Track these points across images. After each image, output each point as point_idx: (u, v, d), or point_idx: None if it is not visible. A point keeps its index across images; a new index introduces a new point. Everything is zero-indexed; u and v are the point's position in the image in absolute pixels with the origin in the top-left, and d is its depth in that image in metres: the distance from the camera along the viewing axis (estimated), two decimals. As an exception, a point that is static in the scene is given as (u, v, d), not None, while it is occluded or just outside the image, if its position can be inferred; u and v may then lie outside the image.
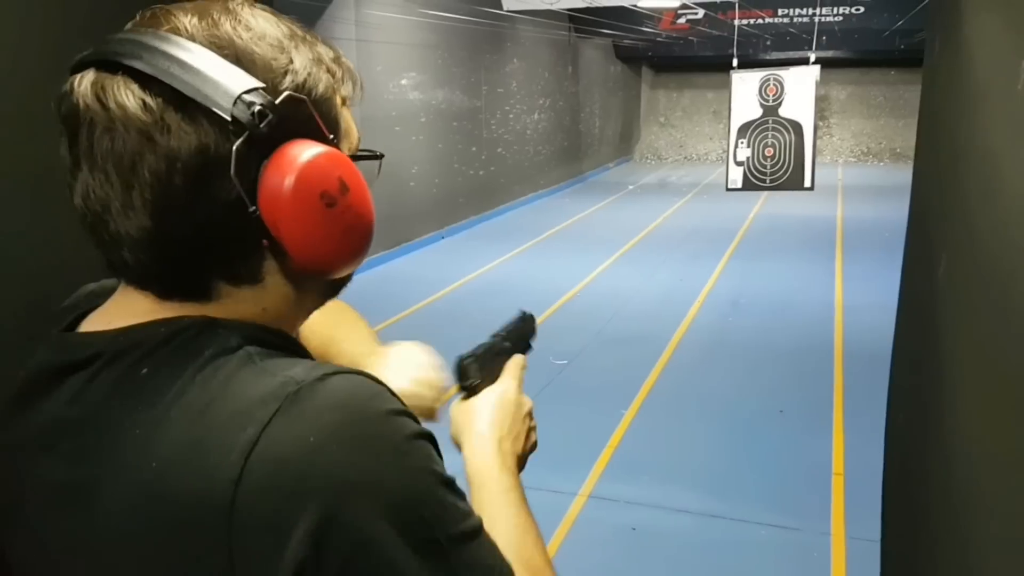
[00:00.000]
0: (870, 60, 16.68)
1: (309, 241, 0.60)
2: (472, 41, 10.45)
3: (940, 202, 0.88)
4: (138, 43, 0.58)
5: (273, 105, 0.58)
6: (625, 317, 6.31)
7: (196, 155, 0.56)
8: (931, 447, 0.86)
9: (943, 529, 0.78)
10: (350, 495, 0.52)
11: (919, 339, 1.02)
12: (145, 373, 0.57)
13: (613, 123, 17.65)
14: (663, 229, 10.28)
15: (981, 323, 0.67)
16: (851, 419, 4.30)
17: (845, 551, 3.14)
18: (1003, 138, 0.64)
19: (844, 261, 8.04)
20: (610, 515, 3.41)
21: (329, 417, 0.54)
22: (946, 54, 0.92)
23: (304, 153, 0.59)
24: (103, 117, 0.56)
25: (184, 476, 0.52)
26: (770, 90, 5.93)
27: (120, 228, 0.58)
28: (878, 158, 17.81)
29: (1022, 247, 0.54)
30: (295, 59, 0.61)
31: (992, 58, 0.70)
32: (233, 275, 0.61)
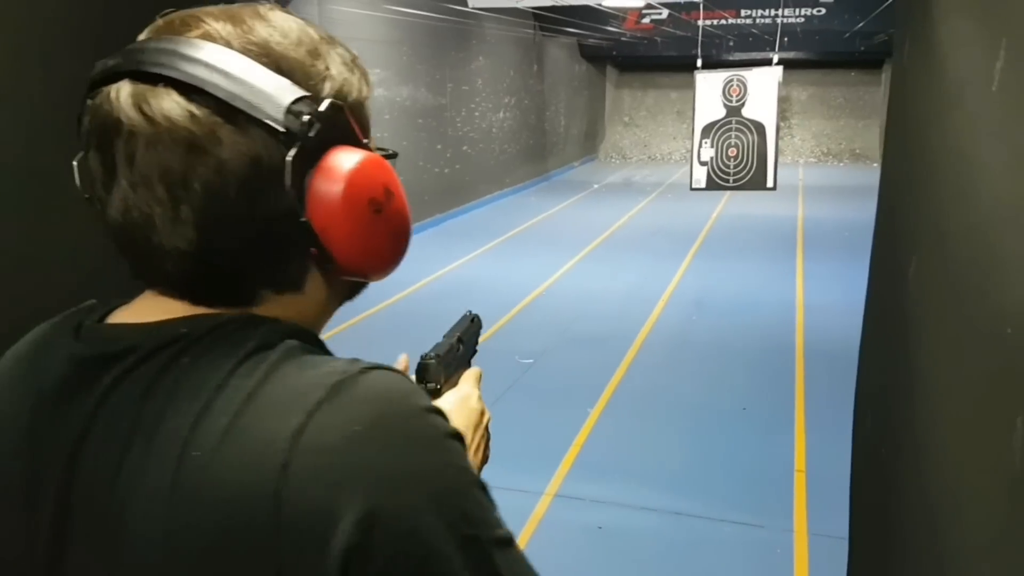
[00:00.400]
0: (831, 61, 16.97)
1: (359, 248, 0.61)
2: (437, 38, 10.40)
3: (911, 203, 0.89)
4: (174, 52, 0.57)
5: (319, 113, 0.58)
6: (591, 316, 6.33)
7: (249, 166, 0.56)
8: (902, 448, 0.87)
9: (916, 528, 0.79)
10: (397, 485, 0.52)
11: (888, 341, 1.03)
12: (186, 362, 0.56)
13: (578, 122, 17.72)
14: (628, 228, 10.34)
15: (954, 325, 0.68)
16: (812, 417, 4.37)
17: (808, 547, 3.18)
18: (977, 140, 0.64)
19: (805, 261, 8.16)
20: (576, 514, 3.42)
21: (373, 408, 0.54)
22: (917, 56, 0.93)
23: (350, 160, 0.60)
24: (147, 130, 0.55)
25: (229, 463, 0.51)
26: (733, 91, 5.99)
27: (164, 241, 0.57)
28: (838, 158, 18.12)
29: (998, 249, 0.55)
30: (331, 65, 0.62)
31: (965, 61, 0.71)
32: (277, 283, 0.61)
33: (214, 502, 0.51)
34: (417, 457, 0.54)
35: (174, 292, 0.60)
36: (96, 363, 0.58)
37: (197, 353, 0.56)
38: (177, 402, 0.54)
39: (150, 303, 0.61)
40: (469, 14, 10.51)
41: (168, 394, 0.55)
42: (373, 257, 0.63)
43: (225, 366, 0.55)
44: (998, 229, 0.56)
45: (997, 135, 0.59)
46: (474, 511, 0.55)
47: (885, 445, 0.99)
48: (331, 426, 0.52)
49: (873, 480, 1.11)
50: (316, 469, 0.51)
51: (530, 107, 14.42)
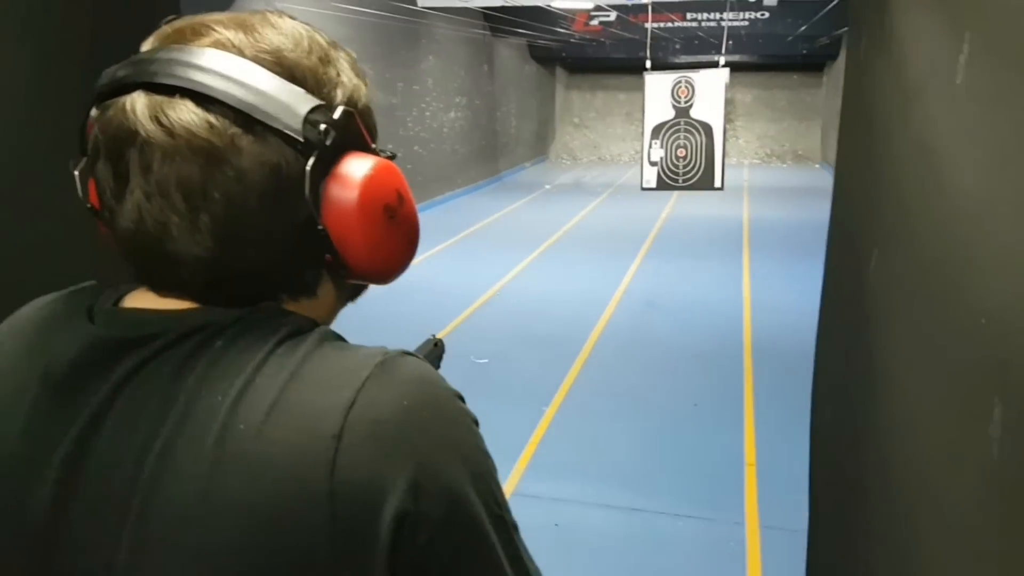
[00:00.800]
0: (774, 64, 17.35)
1: (374, 253, 0.62)
2: (387, 37, 10.32)
3: (870, 197, 0.91)
4: (187, 63, 0.57)
5: (334, 121, 0.59)
6: (545, 315, 6.36)
7: (270, 176, 0.57)
8: (864, 439, 0.89)
9: (880, 516, 0.81)
10: (445, 458, 0.55)
11: (847, 333, 1.06)
12: (220, 346, 0.56)
13: (529, 123, 17.77)
14: (580, 229, 10.40)
15: (923, 317, 0.70)
16: (761, 411, 4.46)
17: (760, 540, 3.24)
18: (942, 135, 0.66)
19: (751, 260, 8.32)
20: (533, 512, 3.42)
21: (418, 388, 0.56)
22: (874, 51, 0.95)
23: (363, 167, 0.61)
24: (165, 141, 0.55)
25: (280, 435, 0.52)
26: (682, 92, 6.08)
27: (180, 250, 0.57)
28: (781, 160, 18.52)
29: (970, 243, 0.57)
30: (341, 72, 0.63)
31: (926, 55, 0.73)
32: (293, 289, 0.62)
33: (264, 471, 0.51)
34: (459, 436, 0.57)
35: (188, 298, 0.60)
36: (117, 347, 0.57)
37: (230, 337, 0.56)
38: (213, 382, 0.54)
39: (165, 296, 0.61)
40: (419, 13, 10.45)
41: (201, 376, 0.55)
42: (386, 262, 0.64)
43: (262, 348, 0.55)
44: (969, 223, 0.57)
45: (962, 129, 0.61)
46: (499, 494, 0.59)
47: (845, 436, 1.02)
48: (381, 401, 0.54)
49: (833, 470, 1.14)
50: (369, 438, 0.52)
51: (481, 107, 14.41)
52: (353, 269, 0.62)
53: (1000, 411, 0.50)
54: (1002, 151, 0.52)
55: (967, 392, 0.57)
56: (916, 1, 0.77)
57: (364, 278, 0.64)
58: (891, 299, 0.81)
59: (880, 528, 0.81)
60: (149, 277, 0.60)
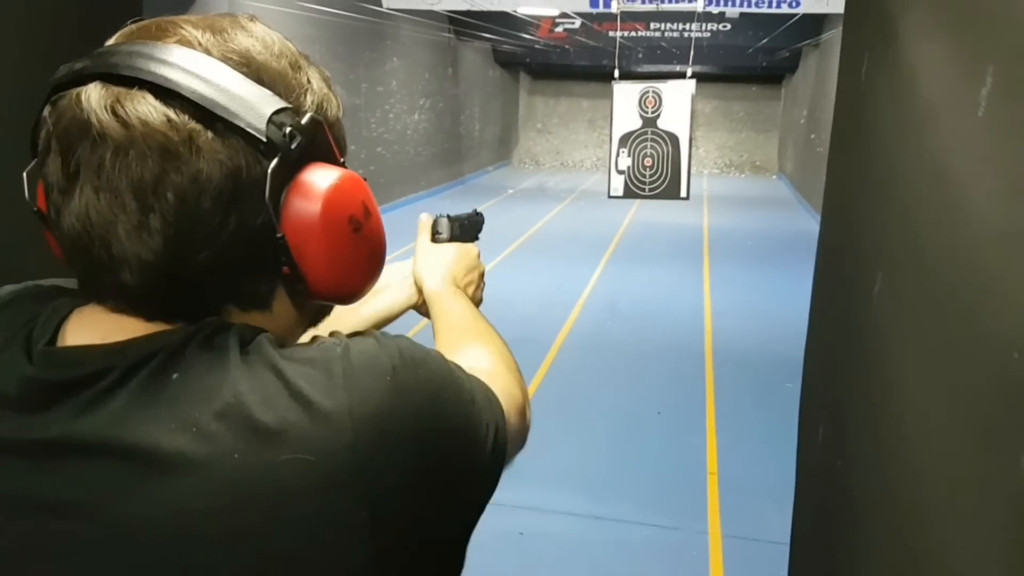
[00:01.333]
0: (734, 76, 17.63)
1: (335, 266, 0.59)
2: (351, 37, 10.24)
3: (874, 222, 0.92)
4: (151, 56, 0.54)
5: (300, 126, 0.56)
6: (509, 321, 6.30)
7: (228, 177, 0.54)
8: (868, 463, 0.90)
9: (879, 537, 0.82)
10: (429, 412, 0.57)
11: (843, 354, 1.07)
12: (176, 378, 0.53)
13: (492, 127, 17.78)
14: (543, 233, 10.43)
15: (940, 344, 0.70)
16: (723, 419, 4.51)
17: (722, 549, 3.27)
18: (962, 165, 0.67)
19: (711, 268, 8.43)
20: (497, 520, 3.37)
21: (385, 361, 0.56)
22: (879, 78, 0.97)
23: (329, 177, 0.58)
24: (120, 134, 0.52)
25: (284, 449, 0.51)
26: (649, 102, 6.15)
27: (127, 250, 0.53)
28: (740, 170, 18.82)
29: (994, 274, 0.57)
30: (311, 79, 0.61)
31: (942, 86, 0.74)
32: (244, 300, 0.59)
33: (275, 488, 0.51)
34: (427, 392, 0.59)
35: (127, 307, 0.56)
36: (55, 389, 0.53)
37: (185, 364, 0.53)
38: (185, 410, 0.51)
39: (103, 320, 0.57)
40: (384, 15, 10.38)
41: (167, 407, 0.52)
42: (346, 278, 0.61)
43: (222, 367, 0.53)
44: (992, 253, 0.58)
45: (985, 161, 0.61)
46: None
47: (840, 457, 1.03)
48: (368, 387, 0.54)
49: (823, 488, 1.15)
50: (378, 425, 0.53)
51: (445, 110, 14.37)
52: (311, 283, 0.59)
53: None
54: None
55: (992, 423, 0.58)
56: (929, 31, 0.79)
57: (320, 295, 0.61)
58: (900, 324, 0.81)
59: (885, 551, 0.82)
60: (92, 283, 0.56)
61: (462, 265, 1.06)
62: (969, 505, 0.61)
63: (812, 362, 1.38)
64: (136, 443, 0.50)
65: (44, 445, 0.52)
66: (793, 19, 10.71)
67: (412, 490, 0.55)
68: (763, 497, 3.56)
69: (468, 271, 1.06)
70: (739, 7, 9.20)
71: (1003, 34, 0.61)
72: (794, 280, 6.96)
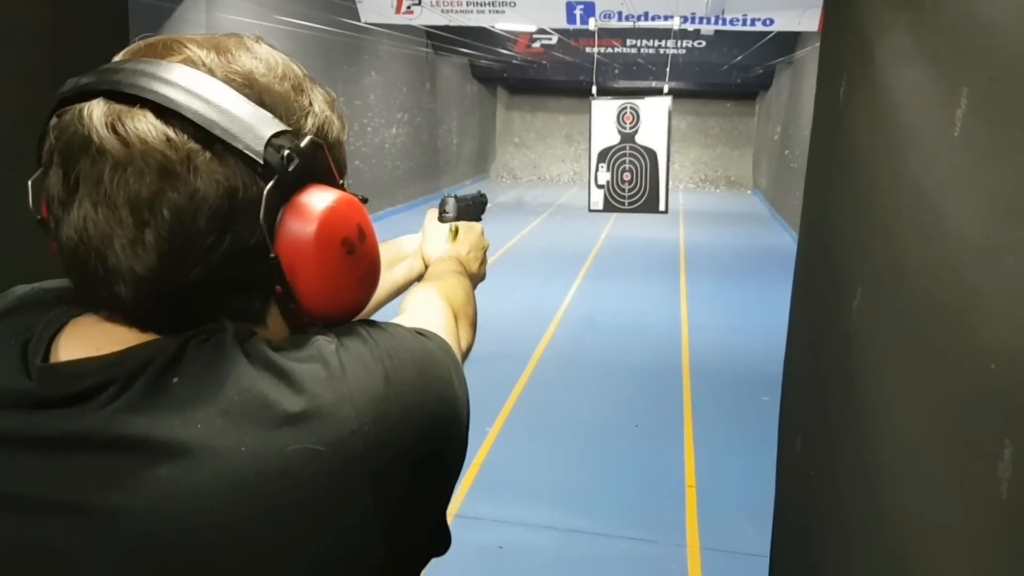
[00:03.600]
0: (709, 92, 17.83)
1: (327, 288, 0.60)
2: (329, 51, 10.24)
3: (854, 236, 0.95)
4: (154, 75, 0.55)
5: (299, 149, 0.57)
6: (487, 335, 6.28)
7: (224, 197, 0.54)
8: (845, 474, 0.92)
9: (870, 551, 0.84)
10: (418, 390, 0.60)
11: (821, 368, 1.09)
12: (177, 381, 0.54)
13: (470, 141, 17.83)
14: (520, 248, 10.46)
15: (920, 357, 0.72)
16: (700, 432, 4.53)
17: (700, 562, 3.29)
18: (940, 184, 0.69)
19: (688, 282, 8.50)
20: (477, 535, 3.40)
21: (375, 351, 0.59)
22: (856, 99, 1.00)
23: (325, 199, 0.59)
24: (120, 151, 0.53)
25: (291, 440, 0.52)
26: (627, 118, 6.20)
27: (121, 265, 0.54)
28: (714, 185, 19.01)
29: (969, 285, 0.59)
30: (313, 101, 0.61)
31: (919, 107, 0.77)
32: (236, 315, 0.59)
33: (279, 484, 0.52)
34: (415, 376, 0.62)
35: (122, 318, 0.57)
36: (55, 402, 0.54)
37: (184, 367, 0.54)
38: (191, 411, 0.52)
39: (98, 332, 0.57)
40: (362, 29, 10.40)
41: (172, 412, 0.52)
42: (338, 299, 0.62)
43: (221, 368, 0.54)
44: (971, 269, 0.60)
45: (961, 179, 0.64)
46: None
47: (816, 468, 1.05)
48: (364, 381, 0.56)
49: (801, 500, 1.17)
50: (381, 416, 0.55)
51: (423, 124, 14.40)
52: (303, 302, 0.60)
53: (1012, 451, 0.52)
54: (1006, 204, 0.55)
55: (972, 432, 0.59)
56: (905, 55, 0.82)
57: (313, 316, 0.61)
58: (879, 337, 0.84)
59: (865, 561, 0.83)
60: (87, 294, 0.57)
61: (467, 241, 1.14)
62: (948, 514, 0.63)
63: (791, 374, 1.40)
64: (140, 439, 0.51)
65: (44, 442, 0.53)
66: (767, 37, 10.89)
67: (413, 465, 0.58)
68: (741, 510, 3.58)
69: (472, 247, 1.14)
70: (714, 25, 9.33)
71: (977, 58, 0.64)
72: (770, 294, 7.05)
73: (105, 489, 0.51)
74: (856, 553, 0.87)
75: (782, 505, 1.35)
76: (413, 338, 0.64)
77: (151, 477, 0.51)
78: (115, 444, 0.52)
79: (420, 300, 0.90)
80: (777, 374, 1.64)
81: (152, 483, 0.51)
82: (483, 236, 1.19)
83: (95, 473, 0.51)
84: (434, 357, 0.64)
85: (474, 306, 1.02)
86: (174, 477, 0.51)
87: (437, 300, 0.89)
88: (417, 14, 9.65)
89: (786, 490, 1.33)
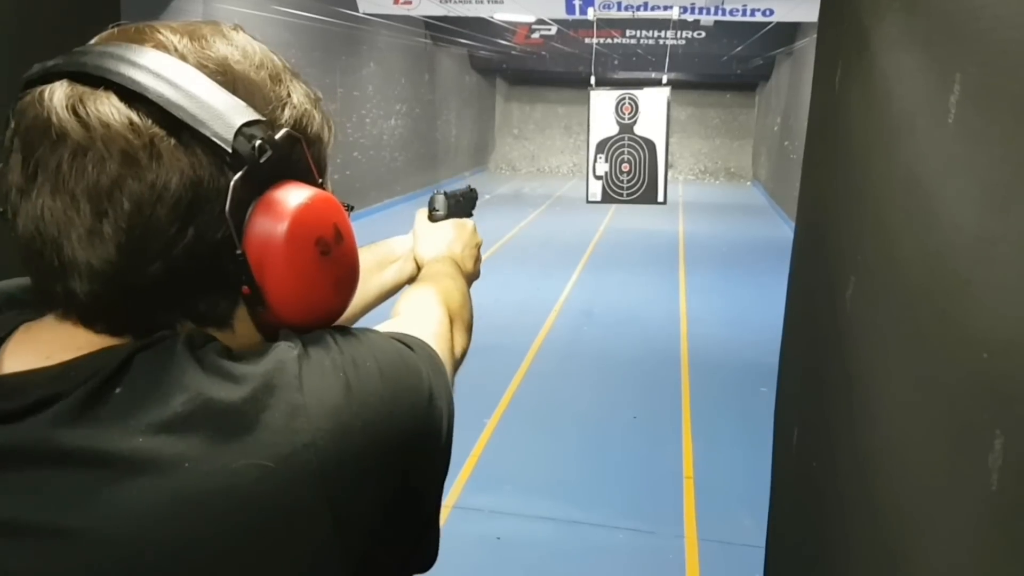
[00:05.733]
0: (709, 83, 17.79)
1: (298, 290, 0.56)
2: (327, 42, 10.20)
3: (848, 226, 0.94)
4: (121, 58, 0.52)
5: (273, 140, 0.54)
6: (485, 327, 6.28)
7: (188, 187, 0.51)
8: (838, 463, 0.91)
9: (863, 541, 0.83)
10: (383, 403, 0.56)
11: (817, 358, 1.09)
12: (119, 393, 0.50)
13: (469, 133, 17.79)
14: (519, 239, 10.45)
15: (912, 345, 0.72)
16: (698, 424, 4.53)
17: (698, 552, 3.29)
18: (933, 171, 0.68)
19: (687, 274, 8.49)
20: (475, 526, 3.40)
21: (337, 360, 0.55)
22: (852, 85, 0.99)
23: (299, 195, 0.56)
24: (80, 135, 0.50)
25: (238, 456, 0.49)
26: (625, 108, 6.19)
27: (77, 256, 0.51)
28: (714, 177, 18.99)
29: (962, 274, 0.58)
30: (292, 93, 0.58)
31: (913, 93, 0.76)
32: (199, 317, 0.55)
33: (233, 499, 0.49)
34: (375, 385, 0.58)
35: (77, 318, 0.53)
36: (2, 420, 0.50)
37: (128, 380, 0.50)
38: (129, 427, 0.49)
39: (48, 337, 0.54)
40: (360, 19, 10.36)
41: (111, 421, 0.49)
42: (310, 304, 0.58)
43: (169, 379, 0.50)
44: (964, 257, 0.59)
45: (955, 166, 0.63)
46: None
47: (815, 459, 1.04)
48: (321, 389, 0.53)
49: (798, 491, 1.17)
50: (337, 429, 0.52)
51: (421, 116, 14.36)
52: (273, 305, 0.56)
53: (1002, 442, 0.52)
54: (1001, 191, 0.54)
55: (963, 422, 0.59)
56: (900, 39, 0.81)
57: (284, 320, 0.57)
58: (872, 327, 0.83)
59: (859, 552, 0.83)
60: (43, 290, 0.54)
61: (460, 239, 1.11)
62: (942, 504, 0.62)
63: (787, 366, 1.40)
64: (79, 454, 0.48)
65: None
66: (767, 28, 10.85)
67: (378, 483, 0.54)
68: (739, 501, 3.59)
69: (465, 245, 1.11)
70: (713, 15, 9.30)
71: (970, 43, 0.63)
72: (769, 286, 7.04)
73: (45, 507, 0.48)
74: (851, 544, 0.87)
75: (778, 496, 1.35)
76: (388, 345, 0.60)
77: (91, 493, 0.47)
78: (56, 459, 0.48)
79: (414, 303, 0.86)
80: (775, 365, 1.64)
81: (92, 500, 0.47)
82: (475, 232, 1.15)
83: (35, 490, 0.48)
84: (409, 365, 0.60)
85: (470, 309, 0.97)
86: (114, 493, 0.47)
87: (432, 303, 0.85)
88: (415, 4, 9.61)
89: (782, 482, 1.32)
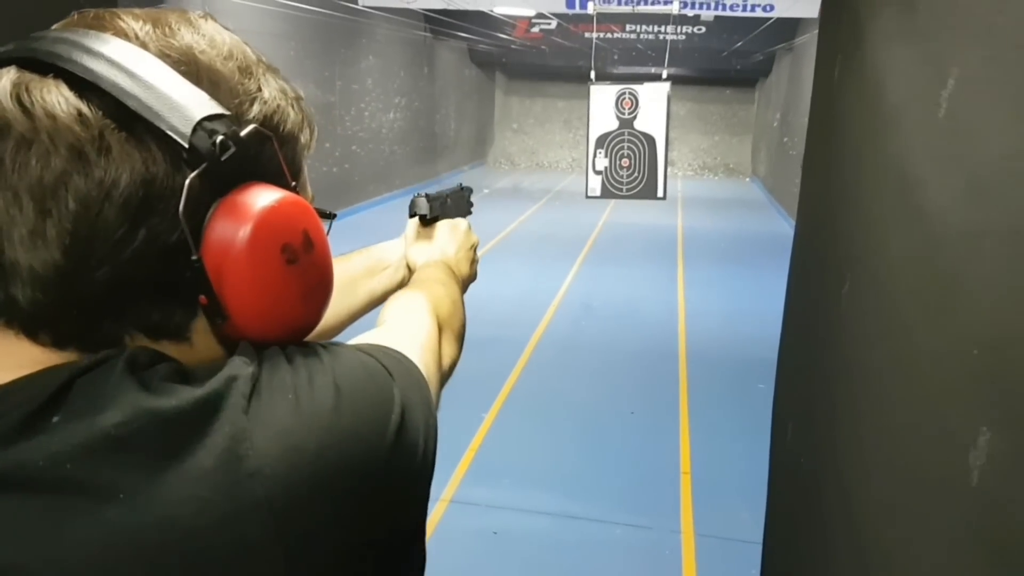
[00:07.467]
0: (708, 79, 17.76)
1: (260, 301, 0.52)
2: (326, 34, 10.18)
3: (844, 222, 0.94)
4: (76, 44, 0.48)
5: (237, 137, 0.50)
6: (484, 320, 6.31)
7: (138, 185, 0.47)
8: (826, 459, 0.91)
9: (838, 535, 0.84)
10: (339, 424, 0.51)
11: (813, 355, 1.09)
12: (57, 421, 0.46)
13: (468, 127, 17.76)
14: (518, 233, 10.44)
15: (900, 344, 0.71)
16: (696, 419, 4.54)
17: (695, 548, 3.30)
18: (922, 165, 0.68)
19: (686, 269, 8.49)
20: (472, 519, 3.41)
21: (288, 379, 0.51)
22: (849, 79, 0.99)
23: (265, 197, 0.51)
24: (24, 125, 0.46)
25: (177, 489, 0.45)
26: (626, 103, 6.17)
27: (19, 259, 0.47)
28: (713, 172, 18.96)
29: (952, 270, 0.58)
30: (263, 87, 0.54)
31: (906, 87, 0.76)
32: (152, 328, 0.51)
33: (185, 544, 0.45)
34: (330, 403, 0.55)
35: (19, 329, 0.49)
36: None
37: (66, 407, 0.46)
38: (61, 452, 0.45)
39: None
40: (359, 12, 10.34)
41: (46, 449, 0.45)
42: (275, 316, 0.53)
43: (106, 405, 0.46)
44: (952, 252, 0.59)
45: (946, 161, 0.63)
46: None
47: (806, 455, 1.04)
48: (270, 408, 0.49)
49: (792, 487, 1.17)
50: (281, 454, 0.48)
51: (420, 109, 14.34)
52: (233, 317, 0.51)
53: (987, 439, 0.52)
54: (989, 185, 0.54)
55: (949, 420, 0.59)
56: (896, 33, 0.80)
57: (246, 334, 0.52)
58: (865, 324, 0.83)
59: (846, 548, 0.83)
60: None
61: (453, 241, 1.06)
62: (925, 501, 0.63)
63: (785, 361, 1.40)
64: (13, 478, 0.44)
65: None
66: (767, 23, 10.82)
67: (334, 512, 0.49)
68: (736, 496, 3.59)
69: (460, 247, 1.06)
70: (713, 10, 9.28)
71: (964, 38, 0.63)
72: (768, 282, 7.04)
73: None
74: (841, 542, 0.87)
75: (775, 492, 1.35)
76: (353, 359, 0.55)
77: (21, 523, 0.44)
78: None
79: (400, 311, 0.80)
80: (773, 361, 1.64)
81: (21, 531, 0.44)
82: (470, 233, 1.08)
83: None
84: (376, 380, 0.55)
85: (461, 318, 0.92)
86: (41, 525, 0.44)
87: (420, 311, 0.80)
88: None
89: (778, 477, 1.33)
